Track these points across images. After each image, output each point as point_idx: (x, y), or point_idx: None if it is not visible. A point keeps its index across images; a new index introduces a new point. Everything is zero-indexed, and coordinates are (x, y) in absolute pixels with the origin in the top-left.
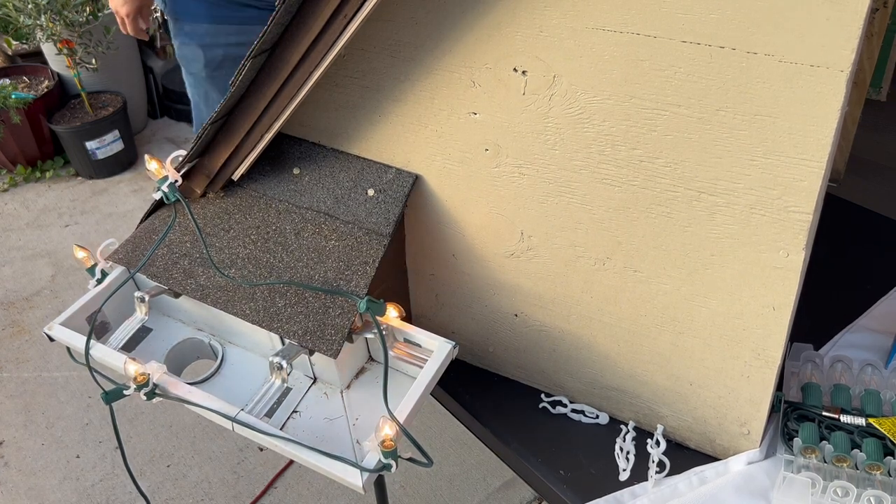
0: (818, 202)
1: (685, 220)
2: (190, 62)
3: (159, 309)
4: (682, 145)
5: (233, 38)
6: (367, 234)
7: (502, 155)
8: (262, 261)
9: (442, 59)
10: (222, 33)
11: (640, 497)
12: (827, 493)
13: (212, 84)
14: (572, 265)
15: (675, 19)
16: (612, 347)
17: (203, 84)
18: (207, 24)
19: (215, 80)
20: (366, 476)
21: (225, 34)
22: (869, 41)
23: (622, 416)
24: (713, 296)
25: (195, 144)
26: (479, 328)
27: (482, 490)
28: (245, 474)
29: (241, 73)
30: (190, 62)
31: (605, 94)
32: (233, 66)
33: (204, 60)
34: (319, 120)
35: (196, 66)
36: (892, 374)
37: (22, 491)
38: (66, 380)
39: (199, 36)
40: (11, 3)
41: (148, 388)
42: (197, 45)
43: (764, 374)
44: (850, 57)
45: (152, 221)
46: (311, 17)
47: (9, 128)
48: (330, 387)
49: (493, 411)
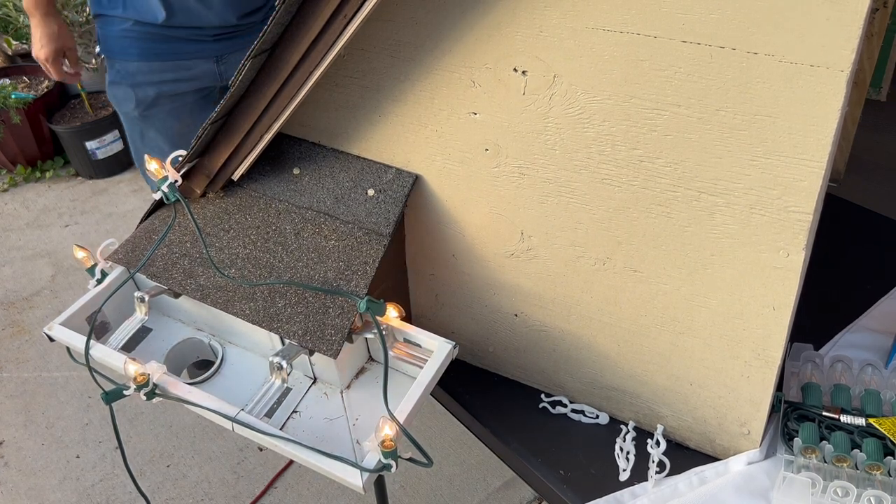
0: (818, 202)
1: (685, 220)
2: (120, 102)
3: (159, 309)
4: (682, 145)
5: (168, 74)
6: (367, 234)
7: (502, 155)
8: (261, 261)
9: (442, 59)
10: (155, 71)
11: (640, 497)
12: (827, 493)
13: (147, 123)
14: (572, 265)
15: (675, 19)
16: (612, 347)
17: (137, 124)
18: (138, 62)
19: (150, 120)
20: (366, 476)
21: (158, 71)
22: (869, 41)
23: (622, 416)
24: (713, 296)
25: (195, 144)
26: (479, 328)
27: (482, 490)
28: (245, 474)
29: (241, 73)
30: (120, 102)
31: (605, 94)
32: (169, 104)
33: (135, 100)
34: (319, 120)
35: (127, 105)
36: (892, 374)
37: (22, 491)
38: (66, 380)
39: (130, 74)
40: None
41: (148, 388)
42: (127, 85)
43: (764, 374)
44: (850, 57)
45: (152, 221)
46: (311, 17)
47: (9, 128)
48: (330, 387)
49: (493, 411)
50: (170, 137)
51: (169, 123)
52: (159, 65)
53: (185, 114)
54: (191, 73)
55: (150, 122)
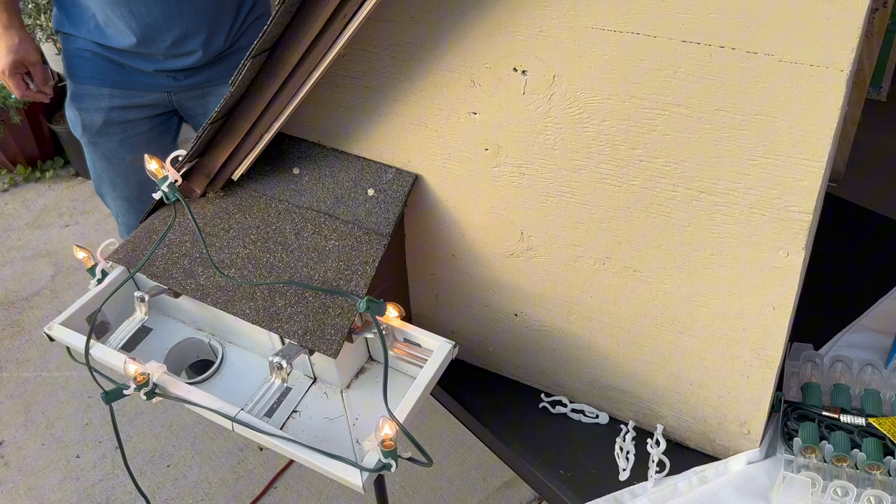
0: (818, 202)
1: (685, 219)
2: (72, 124)
3: (159, 309)
4: (682, 145)
5: (117, 101)
6: (367, 234)
7: (502, 155)
8: (262, 261)
9: (442, 59)
10: (104, 96)
11: (640, 497)
12: (827, 492)
13: (97, 152)
14: (572, 265)
15: (675, 19)
16: (612, 347)
17: (89, 151)
18: (89, 85)
19: (99, 148)
20: (366, 476)
21: (108, 97)
22: (869, 41)
23: (622, 416)
24: (713, 296)
25: (195, 144)
26: (479, 328)
27: (482, 490)
28: (245, 474)
29: (241, 73)
30: (72, 124)
31: (604, 94)
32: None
33: (81, 125)
34: (319, 120)
35: (77, 129)
36: (892, 374)
37: (22, 491)
38: (66, 380)
39: (80, 97)
40: None
41: (148, 387)
42: (76, 107)
43: (764, 373)
44: (850, 57)
45: (152, 221)
46: (311, 17)
47: (9, 128)
48: (330, 387)
49: (493, 411)
50: (122, 170)
51: (121, 154)
52: (108, 90)
53: (139, 143)
54: (141, 100)
55: (99, 151)
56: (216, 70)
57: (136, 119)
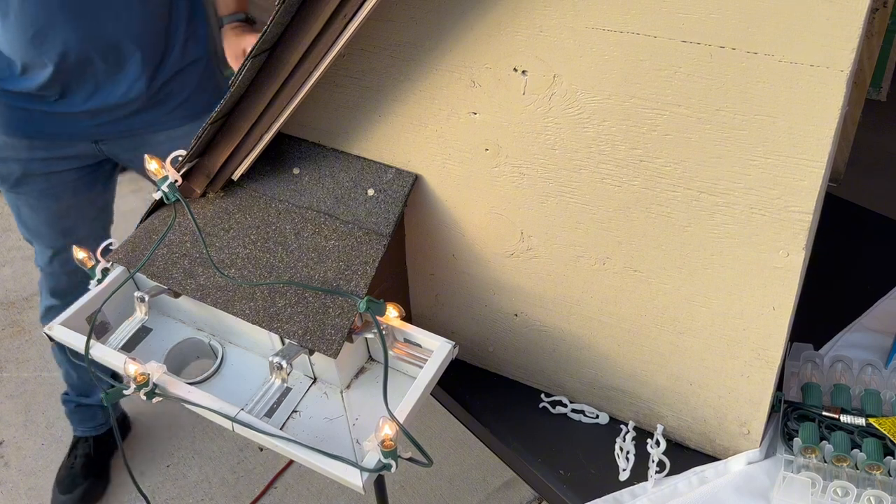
0: (818, 202)
1: (685, 220)
2: None
3: (159, 309)
4: (682, 145)
5: (39, 153)
6: (367, 234)
7: (502, 155)
8: (262, 261)
9: (442, 59)
10: (24, 147)
11: (639, 497)
12: (827, 493)
13: (20, 200)
14: (572, 265)
15: (675, 19)
16: (612, 347)
17: (11, 199)
18: (5, 136)
19: (21, 198)
20: (366, 476)
21: (27, 148)
22: (869, 41)
23: (622, 416)
24: (713, 296)
25: (195, 144)
26: (479, 328)
27: (482, 490)
28: (245, 474)
29: (241, 73)
30: None
31: (605, 94)
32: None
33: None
34: (319, 120)
35: None
36: (892, 374)
37: (22, 491)
38: None
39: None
40: None
41: (148, 387)
42: None
43: (764, 373)
44: (850, 57)
45: (152, 221)
46: (311, 17)
47: None
48: (330, 387)
49: (493, 411)
50: (47, 218)
51: (45, 203)
52: (28, 142)
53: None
54: (65, 151)
55: (22, 200)
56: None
57: (61, 171)
